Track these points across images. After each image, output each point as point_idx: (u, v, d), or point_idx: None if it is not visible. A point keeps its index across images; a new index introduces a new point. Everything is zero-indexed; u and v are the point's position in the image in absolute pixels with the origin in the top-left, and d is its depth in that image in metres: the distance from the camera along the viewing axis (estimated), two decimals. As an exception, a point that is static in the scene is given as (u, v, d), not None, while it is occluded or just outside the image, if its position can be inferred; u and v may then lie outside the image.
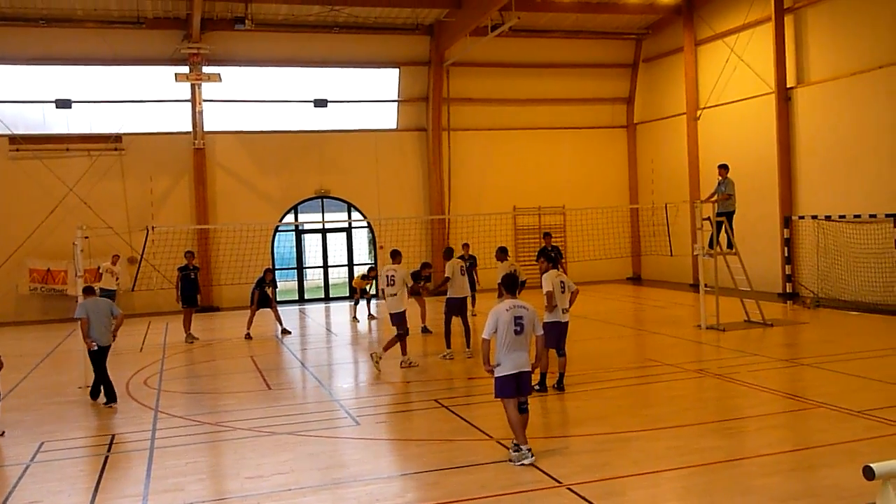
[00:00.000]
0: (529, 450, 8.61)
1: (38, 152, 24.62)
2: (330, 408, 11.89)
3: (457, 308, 15.44)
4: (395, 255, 15.25)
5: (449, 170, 28.43)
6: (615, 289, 27.76)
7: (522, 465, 8.48)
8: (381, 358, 14.47)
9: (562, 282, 11.90)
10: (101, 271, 23.15)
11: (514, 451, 8.65)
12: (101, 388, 12.49)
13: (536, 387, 11.75)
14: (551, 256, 12.42)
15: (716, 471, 8.21)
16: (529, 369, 8.84)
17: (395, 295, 14.56)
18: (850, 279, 20.39)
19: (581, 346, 15.52)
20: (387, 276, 14.70)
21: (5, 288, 24.05)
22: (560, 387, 12.05)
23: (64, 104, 24.85)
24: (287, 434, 10.25)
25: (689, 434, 9.57)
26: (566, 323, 11.97)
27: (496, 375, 8.76)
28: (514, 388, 8.70)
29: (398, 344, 14.56)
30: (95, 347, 12.27)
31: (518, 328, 8.68)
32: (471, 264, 19.54)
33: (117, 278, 23.59)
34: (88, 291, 12.92)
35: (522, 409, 8.78)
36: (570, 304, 12.13)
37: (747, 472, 8.17)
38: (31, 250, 24.24)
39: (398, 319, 14.54)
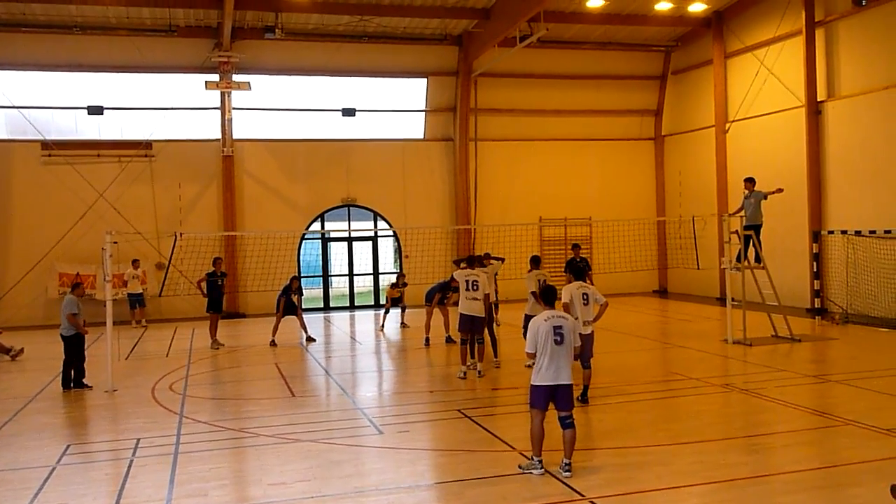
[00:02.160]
0: (541, 461, 8.63)
1: (70, 158, 24.94)
2: (353, 416, 11.91)
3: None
4: (474, 261, 15.27)
5: (475, 180, 28.45)
6: (641, 301, 27.59)
7: (531, 473, 8.53)
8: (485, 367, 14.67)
9: (584, 294, 11.79)
10: (125, 278, 23.60)
11: (529, 460, 8.75)
12: (73, 374, 14.27)
13: (578, 398, 11.71)
14: (579, 269, 12.32)
15: (741, 487, 8.12)
16: (569, 383, 8.75)
17: (479, 300, 14.45)
18: (880, 295, 20.12)
19: (606, 358, 15.43)
20: (467, 282, 14.45)
21: (35, 292, 24.36)
22: (584, 399, 11.98)
23: (96, 111, 25.19)
24: (310, 442, 10.28)
25: (714, 449, 9.49)
26: (588, 335, 11.88)
27: (532, 384, 8.74)
28: (547, 401, 8.66)
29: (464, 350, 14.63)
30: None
31: (558, 338, 8.64)
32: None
33: (142, 281, 24.16)
34: (75, 286, 14.87)
35: (566, 425, 8.66)
36: (598, 317, 12.05)
37: (773, 489, 8.08)
38: (61, 255, 24.55)
39: (481, 325, 14.58)
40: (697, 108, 28.64)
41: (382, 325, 22.15)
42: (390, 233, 28.63)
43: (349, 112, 27.40)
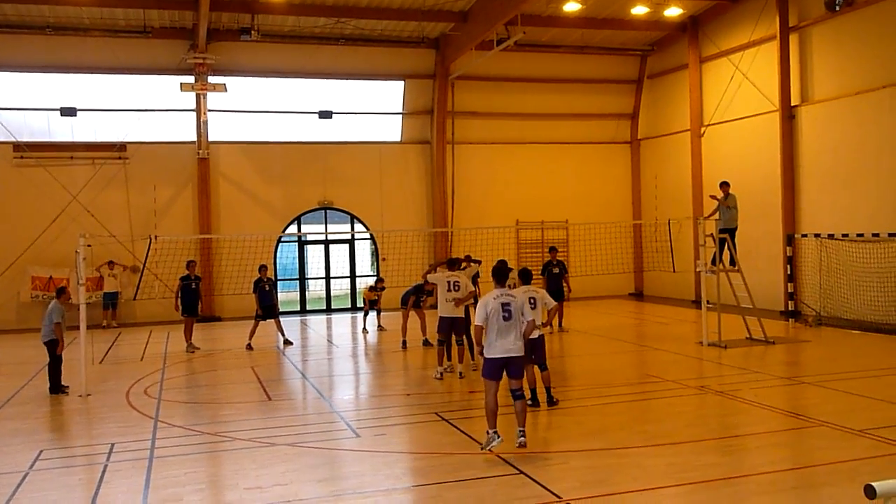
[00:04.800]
0: (496, 432, 9.29)
1: (42, 160, 24.65)
2: (330, 419, 11.87)
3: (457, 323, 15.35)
4: (455, 263, 15.37)
5: (452, 183, 28.46)
6: (617, 304, 27.73)
7: (491, 449, 9.15)
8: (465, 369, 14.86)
9: (532, 297, 11.53)
10: (101, 274, 23.82)
11: (487, 436, 9.36)
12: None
13: (529, 402, 11.75)
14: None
15: (715, 488, 8.17)
16: (520, 355, 9.49)
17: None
18: (852, 298, 20.35)
19: (582, 361, 15.50)
20: (448, 283, 14.58)
21: (7, 295, 24.06)
22: (551, 402, 11.94)
23: (69, 112, 24.91)
24: (286, 445, 10.22)
25: (689, 451, 9.54)
26: (538, 338, 11.84)
27: (485, 357, 9.38)
28: (500, 371, 9.38)
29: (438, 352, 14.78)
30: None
31: (506, 314, 9.37)
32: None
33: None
34: (59, 292, 14.75)
35: (517, 397, 9.38)
36: (549, 321, 12.34)
37: (747, 490, 8.14)
38: (34, 258, 24.25)
39: (461, 326, 14.81)
40: (673, 112, 28.84)
41: (364, 327, 22.22)
42: (367, 236, 28.58)
43: (326, 114, 27.32)
